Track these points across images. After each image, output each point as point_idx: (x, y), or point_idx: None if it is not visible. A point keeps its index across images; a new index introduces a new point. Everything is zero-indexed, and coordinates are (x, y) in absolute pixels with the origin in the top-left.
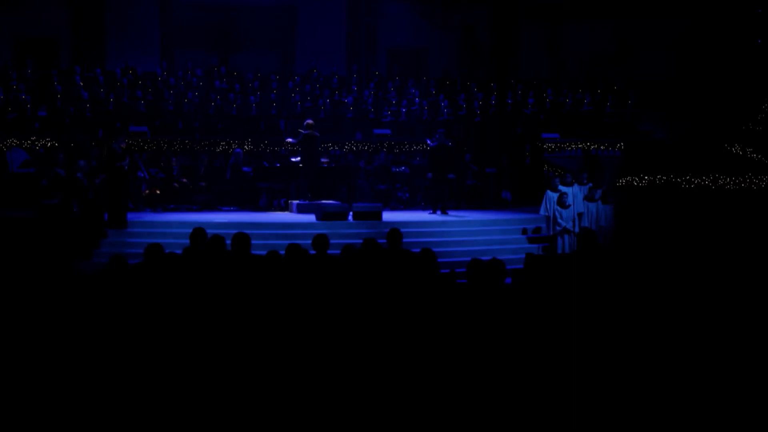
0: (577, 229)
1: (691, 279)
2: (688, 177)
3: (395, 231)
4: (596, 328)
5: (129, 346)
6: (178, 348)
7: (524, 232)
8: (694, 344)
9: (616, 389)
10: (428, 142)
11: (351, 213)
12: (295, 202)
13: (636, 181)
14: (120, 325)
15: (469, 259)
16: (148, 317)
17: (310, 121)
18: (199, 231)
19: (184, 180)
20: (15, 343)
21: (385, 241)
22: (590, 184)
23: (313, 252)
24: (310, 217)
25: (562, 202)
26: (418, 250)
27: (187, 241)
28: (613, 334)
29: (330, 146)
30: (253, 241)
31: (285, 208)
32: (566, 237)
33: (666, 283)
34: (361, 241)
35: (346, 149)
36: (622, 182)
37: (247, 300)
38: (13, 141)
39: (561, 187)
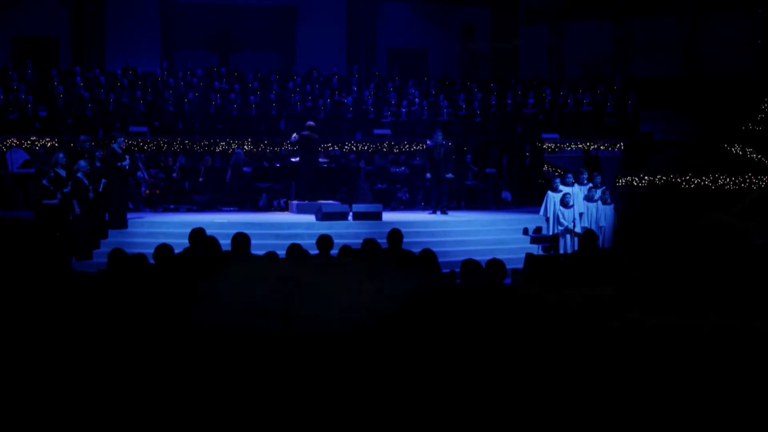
0: (578, 230)
1: (691, 279)
2: (688, 177)
3: (396, 231)
4: (596, 327)
5: (127, 347)
6: (176, 349)
7: (525, 232)
8: (694, 345)
9: (616, 391)
10: (428, 142)
11: (351, 213)
12: (295, 202)
13: (636, 181)
14: (118, 325)
15: (465, 259)
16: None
17: (311, 123)
18: (197, 231)
19: (184, 180)
20: (13, 343)
21: (385, 241)
22: (590, 185)
23: (315, 252)
24: (310, 218)
25: (564, 202)
26: (418, 250)
27: (187, 242)
28: (613, 333)
29: (330, 146)
30: (253, 242)
31: (285, 208)
32: (568, 237)
33: (666, 283)
34: (361, 241)
35: (346, 149)
36: (621, 182)
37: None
38: (13, 141)
39: (562, 188)
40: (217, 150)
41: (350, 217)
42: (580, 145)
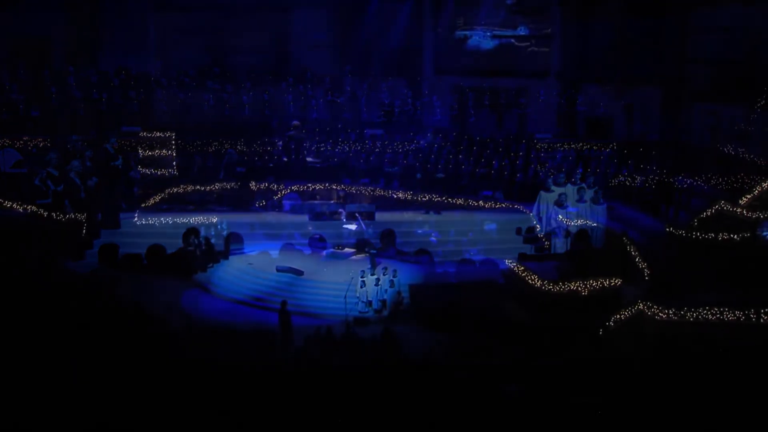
0: (571, 229)
1: (687, 276)
2: (681, 177)
3: (389, 231)
4: (592, 324)
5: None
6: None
7: (518, 231)
8: (699, 339)
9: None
10: (421, 142)
11: (344, 213)
12: (288, 202)
13: (629, 181)
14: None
15: (461, 258)
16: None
17: (296, 122)
18: (191, 231)
19: (177, 180)
20: (8, 341)
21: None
22: (583, 184)
23: (308, 251)
24: (303, 218)
25: (559, 201)
26: (412, 249)
27: (180, 242)
28: (610, 330)
29: (323, 146)
30: (246, 241)
31: (278, 208)
32: (561, 236)
33: (662, 280)
34: (354, 240)
35: (339, 149)
36: (615, 182)
37: None
38: (5, 141)
39: (555, 188)
40: (210, 150)
41: (344, 217)
42: (573, 145)
